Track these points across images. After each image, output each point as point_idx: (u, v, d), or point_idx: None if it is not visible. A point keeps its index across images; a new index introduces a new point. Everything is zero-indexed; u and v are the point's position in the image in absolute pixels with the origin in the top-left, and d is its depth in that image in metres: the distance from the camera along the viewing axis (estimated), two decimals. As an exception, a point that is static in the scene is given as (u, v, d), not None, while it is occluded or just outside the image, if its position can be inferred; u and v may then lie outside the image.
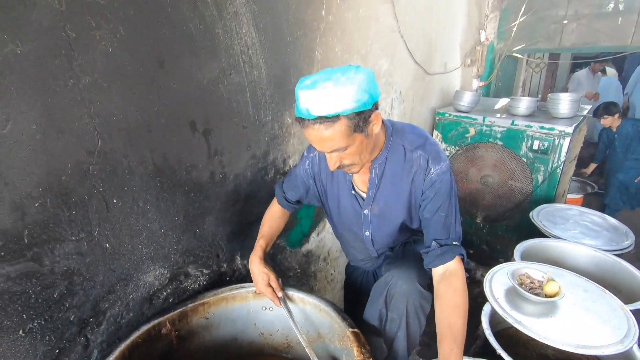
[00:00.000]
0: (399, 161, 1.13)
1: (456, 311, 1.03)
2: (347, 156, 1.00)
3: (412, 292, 1.14)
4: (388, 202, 1.19)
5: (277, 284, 1.21)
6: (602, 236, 1.89)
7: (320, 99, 0.88)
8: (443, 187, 1.10)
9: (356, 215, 1.26)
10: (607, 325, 1.27)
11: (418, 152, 1.11)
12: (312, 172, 1.27)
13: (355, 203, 1.23)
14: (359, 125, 0.94)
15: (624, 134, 3.58)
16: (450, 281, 1.07)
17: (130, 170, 1.00)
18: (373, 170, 1.15)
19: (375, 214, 1.22)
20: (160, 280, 1.16)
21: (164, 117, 1.05)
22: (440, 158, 1.11)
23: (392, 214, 1.21)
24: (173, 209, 1.14)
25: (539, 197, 2.47)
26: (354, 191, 1.23)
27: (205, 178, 1.22)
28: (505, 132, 2.53)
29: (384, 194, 1.18)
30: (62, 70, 0.83)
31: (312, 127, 0.92)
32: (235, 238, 1.40)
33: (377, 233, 1.27)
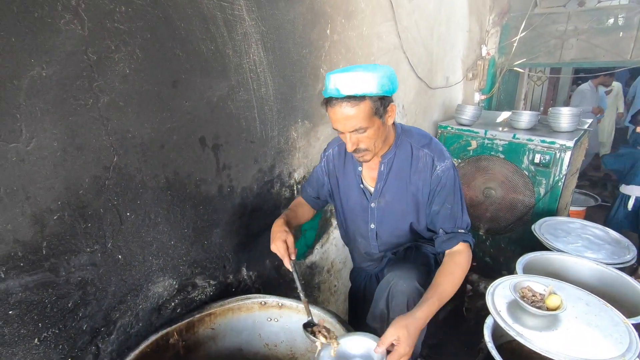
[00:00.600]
0: (407, 157, 1.24)
1: (449, 277, 1.13)
2: (364, 139, 1.10)
3: (412, 290, 1.17)
4: (394, 196, 1.27)
5: (292, 244, 1.20)
6: (604, 249, 1.90)
7: (351, 80, 1.01)
8: (448, 182, 1.21)
9: (363, 208, 1.33)
10: (608, 339, 1.28)
11: (424, 151, 1.22)
12: (326, 169, 1.40)
13: (363, 197, 1.32)
14: (379, 110, 1.07)
15: None
16: (454, 257, 1.19)
17: (144, 184, 1.04)
18: (382, 164, 1.25)
19: (381, 206, 1.30)
20: (169, 291, 1.19)
21: (176, 134, 1.10)
22: (444, 156, 1.22)
23: (396, 207, 1.28)
24: (182, 222, 1.18)
25: (541, 209, 2.49)
26: (362, 185, 1.31)
27: (213, 191, 1.26)
28: (507, 146, 2.56)
29: (391, 188, 1.26)
30: (82, 91, 0.88)
31: (340, 105, 1.04)
32: (242, 250, 1.44)
33: (381, 226, 1.33)
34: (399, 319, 1.02)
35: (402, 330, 0.98)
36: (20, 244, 0.82)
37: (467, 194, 2.81)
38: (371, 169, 1.29)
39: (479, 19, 3.44)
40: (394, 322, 1.01)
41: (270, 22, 1.33)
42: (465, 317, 2.42)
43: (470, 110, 2.75)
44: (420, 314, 1.04)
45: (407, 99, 2.48)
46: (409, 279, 1.19)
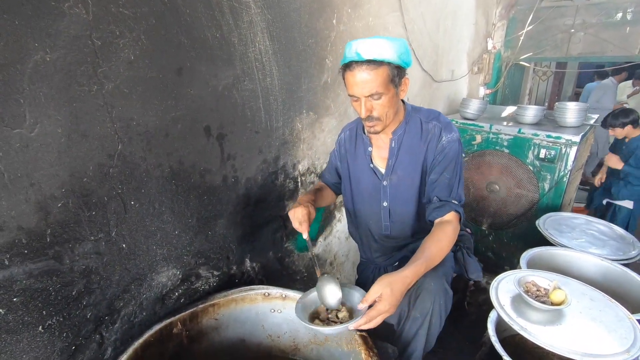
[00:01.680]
0: (417, 132, 1.27)
1: (437, 244, 1.15)
2: (378, 107, 1.13)
3: (439, 290, 1.17)
4: (405, 171, 1.29)
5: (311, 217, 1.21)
6: (608, 245, 1.89)
7: (371, 45, 1.05)
8: (451, 152, 1.23)
9: (375, 187, 1.35)
10: (613, 334, 1.27)
11: (433, 123, 1.26)
12: (339, 154, 1.43)
13: (374, 176, 1.34)
14: (395, 79, 1.11)
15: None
16: (443, 226, 1.20)
17: (148, 173, 1.03)
18: (393, 141, 1.27)
19: (393, 183, 1.31)
20: (173, 281, 1.19)
21: (180, 123, 1.09)
22: (452, 129, 1.26)
23: (408, 182, 1.30)
24: (187, 211, 1.17)
25: (545, 205, 2.48)
26: (372, 165, 1.33)
27: (218, 182, 1.25)
28: (512, 140, 2.54)
29: (402, 163, 1.28)
30: (87, 76, 0.86)
31: (360, 68, 1.07)
32: (245, 241, 1.43)
33: (394, 203, 1.34)
34: (385, 277, 1.03)
35: (385, 288, 1.00)
36: (24, 231, 0.82)
37: (471, 188, 2.80)
38: (381, 148, 1.32)
39: (485, 11, 3.40)
40: (379, 280, 1.02)
41: (276, 10, 1.31)
42: (467, 312, 2.42)
43: (475, 104, 2.72)
44: (408, 273, 1.05)
45: (411, 91, 2.46)
46: (437, 277, 1.17)
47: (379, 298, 0.99)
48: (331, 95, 1.71)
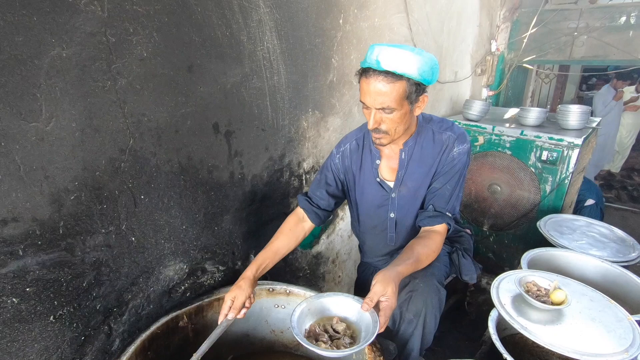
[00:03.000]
0: (429, 143, 1.24)
1: (424, 249, 1.16)
2: (388, 121, 1.08)
3: (431, 290, 1.17)
4: (415, 182, 1.27)
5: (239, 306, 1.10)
6: (609, 247, 1.90)
7: (394, 55, 0.98)
8: (459, 165, 1.22)
9: (381, 199, 1.32)
10: (612, 334, 1.29)
11: (447, 133, 1.23)
12: (342, 165, 1.33)
13: (381, 189, 1.31)
14: (412, 95, 1.05)
15: None
16: (433, 235, 1.21)
17: (158, 168, 1.05)
18: (403, 152, 1.25)
19: (402, 194, 1.29)
20: (180, 275, 1.21)
21: (190, 119, 1.11)
22: (465, 139, 1.24)
23: (418, 194, 1.28)
24: (194, 207, 1.19)
25: (546, 207, 2.49)
26: (378, 178, 1.30)
27: (225, 178, 1.27)
28: (514, 142, 2.55)
29: (412, 175, 1.26)
30: (101, 72, 0.88)
31: (376, 78, 1.01)
32: (251, 237, 1.45)
33: (401, 214, 1.32)
34: (382, 274, 1.01)
35: (390, 285, 0.98)
36: (38, 222, 0.83)
37: (472, 189, 2.81)
38: (390, 158, 1.28)
39: (489, 13, 3.41)
40: (378, 278, 1.00)
41: (284, 9, 1.33)
42: (467, 311, 2.43)
43: (478, 106, 2.73)
44: (401, 269, 1.05)
45: (415, 92, 2.47)
46: (427, 277, 1.18)
47: (384, 296, 0.98)
48: (336, 94, 1.72)
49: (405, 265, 1.07)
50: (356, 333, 1.03)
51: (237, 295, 1.10)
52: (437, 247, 1.19)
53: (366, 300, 0.99)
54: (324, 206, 1.33)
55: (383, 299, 0.98)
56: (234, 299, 1.10)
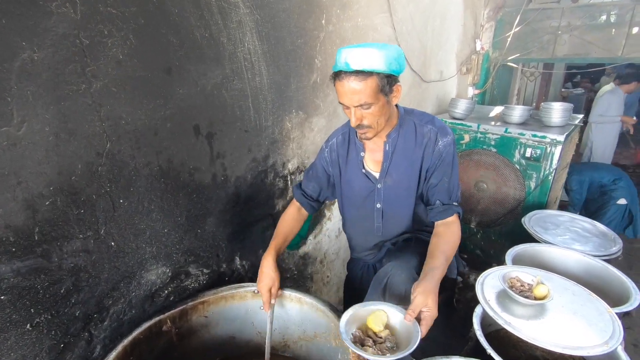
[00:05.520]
0: (411, 135, 1.28)
1: (450, 245, 1.23)
2: (368, 115, 1.13)
3: (410, 280, 1.19)
4: (400, 174, 1.30)
5: (277, 291, 1.25)
6: (591, 242, 1.94)
7: (360, 55, 1.03)
8: (448, 157, 1.26)
9: (368, 191, 1.35)
10: (593, 327, 1.31)
11: (428, 127, 1.27)
12: (330, 159, 1.39)
13: (367, 181, 1.34)
14: (385, 88, 1.10)
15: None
16: (449, 226, 1.27)
17: (137, 171, 1.04)
18: (387, 144, 1.28)
19: (388, 185, 1.32)
20: (162, 279, 1.19)
21: (169, 121, 1.09)
22: (446, 132, 1.27)
23: (403, 185, 1.31)
24: (176, 210, 1.18)
25: (531, 203, 2.53)
26: (364, 170, 1.33)
27: (207, 180, 1.26)
28: (499, 140, 2.58)
29: (397, 166, 1.29)
30: (75, 75, 0.87)
31: (348, 79, 1.06)
32: (235, 239, 1.44)
33: (388, 204, 1.35)
34: (423, 285, 1.06)
35: (430, 296, 1.04)
36: (12, 229, 0.82)
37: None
38: (375, 151, 1.32)
39: (473, 13, 3.45)
40: (419, 290, 1.05)
41: (265, 10, 1.32)
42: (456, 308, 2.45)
43: (463, 104, 2.76)
44: (438, 277, 1.11)
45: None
46: (407, 269, 1.21)
47: (426, 307, 1.03)
48: (320, 95, 1.73)
49: (439, 270, 1.13)
50: (399, 340, 1.07)
51: (271, 283, 1.23)
52: (457, 237, 1.27)
53: (409, 312, 1.04)
54: (316, 197, 1.43)
55: (425, 309, 1.03)
56: (270, 287, 1.23)
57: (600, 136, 4.17)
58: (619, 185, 3.24)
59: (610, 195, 3.26)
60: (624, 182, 3.23)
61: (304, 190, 1.43)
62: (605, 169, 3.35)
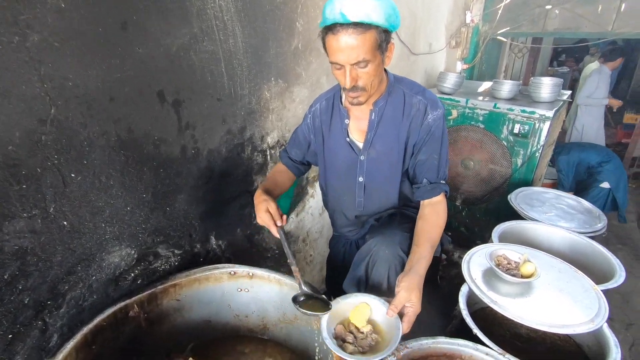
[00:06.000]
0: (399, 105, 1.19)
1: (436, 229, 1.17)
2: (364, 75, 1.02)
3: (394, 257, 1.14)
4: (384, 146, 1.22)
5: (276, 211, 1.13)
6: (576, 219, 1.92)
7: (360, 4, 0.92)
8: (437, 131, 1.17)
9: (351, 163, 1.27)
10: (579, 304, 1.29)
11: (418, 98, 1.18)
12: (312, 126, 1.31)
13: (350, 151, 1.26)
14: (382, 44, 1.01)
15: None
16: (435, 207, 1.20)
17: (90, 142, 0.92)
18: (373, 113, 1.19)
19: (371, 158, 1.24)
20: (127, 261, 1.09)
21: (128, 85, 0.96)
22: (437, 105, 1.18)
23: (387, 158, 1.23)
24: (140, 186, 1.06)
25: (517, 180, 2.50)
26: (348, 139, 1.24)
27: (175, 153, 1.14)
28: (488, 115, 2.52)
29: (381, 137, 1.21)
30: (5, 25, 0.73)
31: (346, 32, 0.94)
32: (209, 217, 1.34)
33: (370, 178, 1.28)
34: (407, 280, 1.02)
35: (414, 291, 1.00)
36: None
37: (445, 164, 2.79)
38: (360, 120, 1.23)
39: (465, -18, 3.30)
40: (403, 285, 1.01)
41: (238, -38, 1.17)
42: (440, 285, 2.45)
43: (452, 79, 2.67)
44: (423, 270, 1.06)
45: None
46: (391, 245, 1.15)
47: (409, 302, 1.00)
48: (302, 62, 1.60)
49: (424, 260, 1.08)
50: (382, 335, 1.02)
51: (265, 205, 1.11)
52: (444, 219, 1.21)
53: (391, 307, 1.00)
54: (301, 160, 1.39)
55: (408, 304, 1.00)
56: (267, 209, 1.11)
57: (589, 119, 4.12)
58: (605, 168, 3.23)
59: (595, 178, 3.26)
60: (611, 165, 3.21)
61: (289, 154, 1.38)
62: (594, 150, 3.33)
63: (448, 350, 1.18)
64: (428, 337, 1.19)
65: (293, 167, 1.38)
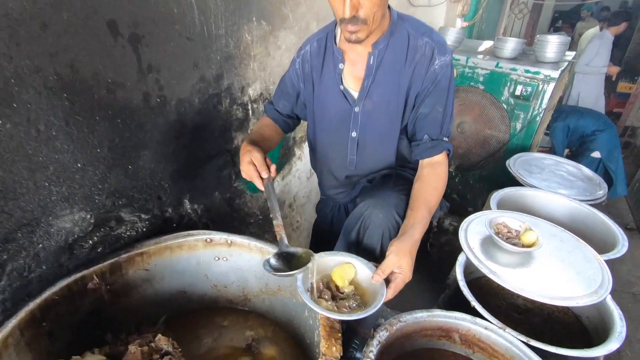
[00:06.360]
0: (402, 48, 1.02)
1: (434, 193, 1.06)
2: (367, 4, 0.87)
3: (389, 222, 1.03)
4: (382, 96, 1.06)
5: (262, 161, 0.99)
6: (576, 186, 1.84)
7: None
8: (443, 81, 1.03)
9: (344, 115, 1.12)
10: (581, 276, 1.22)
11: (424, 39, 1.00)
12: (301, 72, 1.15)
13: (344, 101, 1.10)
14: None
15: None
16: (435, 168, 1.08)
17: (20, 80, 0.73)
18: (371, 56, 1.02)
19: (367, 109, 1.09)
20: (82, 227, 0.94)
21: (65, 10, 0.76)
22: (445, 49, 1.03)
23: (384, 110, 1.08)
24: (92, 138, 0.89)
25: (514, 146, 2.39)
26: (342, 86, 1.08)
27: (136, 101, 0.96)
28: (488, 76, 2.35)
29: (380, 85, 1.05)
30: None
31: None
32: (182, 178, 1.18)
33: (365, 133, 1.13)
34: (399, 244, 0.92)
35: (405, 257, 0.91)
36: None
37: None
38: (356, 64, 1.06)
39: None
40: (393, 249, 0.91)
41: None
42: (429, 253, 2.40)
43: (452, 34, 2.47)
44: (418, 235, 0.96)
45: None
46: (386, 208, 1.02)
47: (399, 268, 0.90)
48: (289, 2, 1.38)
49: (420, 226, 0.98)
50: (365, 299, 0.93)
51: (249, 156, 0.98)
52: (444, 181, 1.09)
53: (377, 272, 0.91)
54: (291, 114, 1.23)
55: (397, 270, 0.91)
56: (250, 160, 0.98)
57: (586, 87, 3.93)
58: (598, 137, 3.13)
59: (586, 147, 3.17)
60: (605, 135, 3.11)
61: (276, 106, 1.22)
62: (591, 118, 3.20)
63: (444, 323, 1.10)
64: (423, 310, 1.10)
65: (281, 120, 1.22)
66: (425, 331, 1.11)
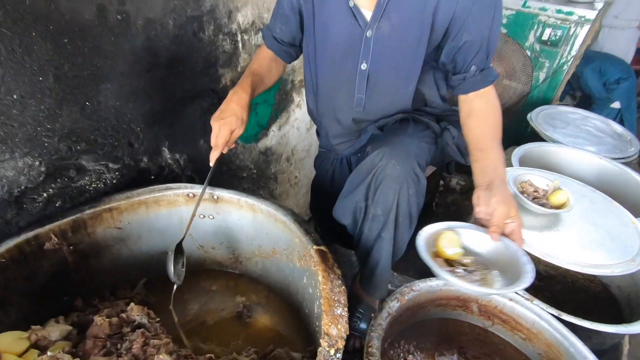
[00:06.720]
0: None
1: (498, 127, 0.93)
2: None
3: (408, 175, 0.83)
4: (403, 16, 0.84)
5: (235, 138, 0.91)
6: (605, 143, 1.67)
7: None
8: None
9: (353, 38, 0.89)
10: (616, 241, 1.09)
11: None
12: None
13: (354, 22, 0.87)
14: None
15: None
16: (489, 100, 0.93)
17: None
18: None
19: (382, 34, 0.86)
20: (30, 176, 0.76)
21: None
22: None
23: (404, 36, 0.85)
24: (30, 63, 0.69)
25: (535, 99, 2.18)
26: (351, 2, 0.84)
27: (89, 17, 0.74)
28: (514, 17, 2.08)
29: (400, 5, 0.82)
30: None
31: None
32: (158, 122, 0.99)
33: (378, 65, 0.90)
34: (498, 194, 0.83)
35: (511, 203, 0.84)
36: None
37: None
38: None
39: None
40: (496, 199, 0.83)
41: None
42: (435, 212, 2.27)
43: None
44: (503, 175, 0.88)
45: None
46: (405, 158, 0.82)
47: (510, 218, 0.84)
48: None
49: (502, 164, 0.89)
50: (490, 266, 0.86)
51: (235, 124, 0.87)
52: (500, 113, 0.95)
53: (492, 229, 0.84)
54: (293, 42, 1.02)
55: (509, 220, 0.84)
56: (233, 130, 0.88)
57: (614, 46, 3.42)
58: (621, 86, 2.88)
59: (607, 97, 2.92)
60: (628, 84, 2.86)
61: (273, 31, 1.00)
62: (617, 64, 2.90)
63: (462, 293, 0.97)
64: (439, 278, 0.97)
65: (280, 50, 1.01)
66: (440, 300, 0.98)
